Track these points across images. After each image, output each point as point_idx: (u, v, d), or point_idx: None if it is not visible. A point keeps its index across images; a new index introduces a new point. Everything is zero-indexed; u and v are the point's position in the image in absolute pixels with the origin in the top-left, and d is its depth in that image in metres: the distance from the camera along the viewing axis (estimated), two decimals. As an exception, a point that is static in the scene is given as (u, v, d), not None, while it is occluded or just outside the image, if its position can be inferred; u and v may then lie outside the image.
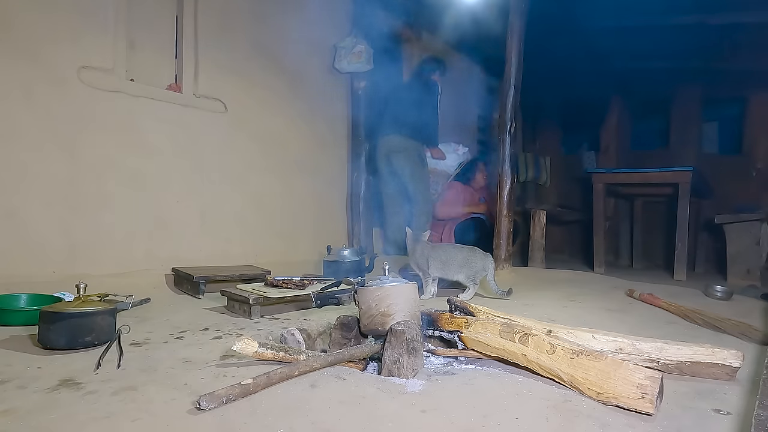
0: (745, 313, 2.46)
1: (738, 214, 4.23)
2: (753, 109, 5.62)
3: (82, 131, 2.73)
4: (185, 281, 2.89)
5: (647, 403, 1.19)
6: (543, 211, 4.49)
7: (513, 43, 3.79)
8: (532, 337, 1.45)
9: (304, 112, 3.97)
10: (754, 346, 1.89)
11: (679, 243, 4.10)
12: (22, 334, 1.85)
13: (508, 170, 3.81)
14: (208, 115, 3.34)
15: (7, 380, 1.36)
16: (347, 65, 4.14)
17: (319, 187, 4.12)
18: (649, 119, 6.36)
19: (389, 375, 1.45)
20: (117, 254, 2.87)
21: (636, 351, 1.51)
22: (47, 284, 2.37)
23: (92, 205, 2.77)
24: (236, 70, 3.49)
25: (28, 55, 2.54)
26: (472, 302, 1.91)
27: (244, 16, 3.55)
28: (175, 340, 1.84)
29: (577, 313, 2.46)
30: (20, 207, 2.52)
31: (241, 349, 1.44)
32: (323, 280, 2.79)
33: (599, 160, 6.19)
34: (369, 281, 1.80)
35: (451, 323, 1.67)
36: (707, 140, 6.14)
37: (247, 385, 1.24)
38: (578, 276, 3.74)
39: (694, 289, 3.14)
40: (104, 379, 1.38)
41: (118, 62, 2.88)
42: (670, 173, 4.28)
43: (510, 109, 3.80)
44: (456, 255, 2.90)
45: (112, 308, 1.79)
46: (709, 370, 1.49)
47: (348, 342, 1.71)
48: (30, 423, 1.10)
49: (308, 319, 2.21)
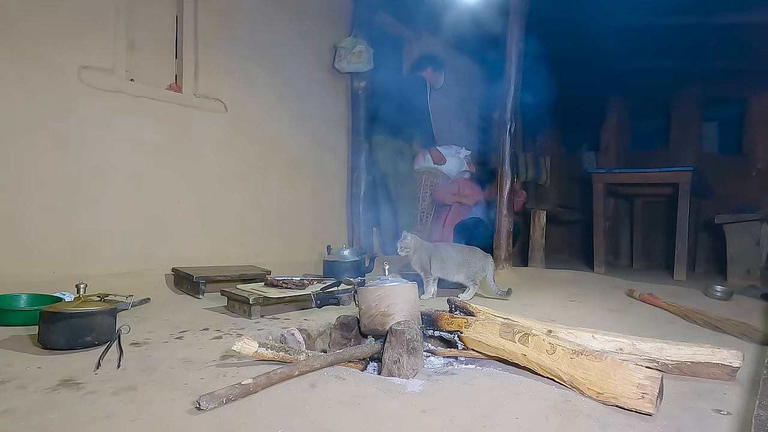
0: (745, 313, 2.46)
1: (738, 214, 4.23)
2: (753, 109, 5.62)
3: (82, 131, 2.73)
4: (185, 281, 2.89)
5: (647, 403, 1.19)
6: (543, 211, 4.49)
7: (513, 43, 3.79)
8: (532, 337, 1.45)
9: (304, 112, 3.97)
10: (754, 346, 1.89)
11: (679, 243, 4.10)
12: (22, 334, 1.85)
13: (508, 170, 3.81)
14: (208, 115, 3.34)
15: (7, 380, 1.36)
16: (347, 65, 4.14)
17: (319, 187, 4.12)
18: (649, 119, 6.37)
19: (389, 375, 1.45)
20: (117, 254, 2.87)
21: (636, 351, 1.51)
22: (47, 284, 2.37)
23: (92, 205, 2.77)
24: (236, 70, 3.49)
25: (28, 55, 2.54)
26: (472, 302, 1.91)
27: (244, 15, 3.55)
28: (175, 340, 1.84)
29: (577, 313, 2.46)
30: (20, 207, 2.52)
31: (241, 349, 1.44)
32: (323, 280, 2.79)
33: (599, 160, 6.20)
34: (369, 281, 1.80)
35: (451, 323, 1.67)
36: (707, 140, 6.14)
37: (247, 385, 1.23)
38: (578, 276, 3.74)
39: (694, 289, 3.14)
40: (104, 379, 1.38)
41: (118, 62, 2.88)
42: (670, 173, 4.28)
43: (510, 109, 3.80)
44: (456, 255, 2.90)
45: (112, 308, 1.79)
46: (709, 370, 1.49)
47: (348, 342, 1.71)
48: (30, 423, 1.10)
49: (308, 319, 2.21)
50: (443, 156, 4.55)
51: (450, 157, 4.65)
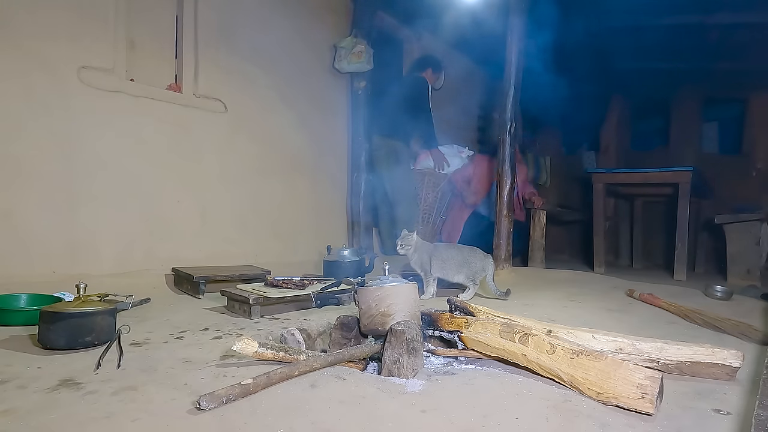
0: (745, 313, 2.46)
1: (738, 214, 4.23)
2: (753, 109, 5.62)
3: (82, 131, 2.73)
4: (185, 281, 2.89)
5: (647, 403, 1.19)
6: (543, 211, 4.49)
7: (513, 43, 3.79)
8: (532, 337, 1.45)
9: (304, 112, 3.97)
10: (754, 346, 1.89)
11: (679, 243, 4.10)
12: (22, 334, 1.85)
13: (508, 170, 3.81)
14: (208, 115, 3.34)
15: (7, 380, 1.36)
16: (347, 65, 4.14)
17: (319, 187, 4.12)
18: (649, 119, 6.36)
19: (389, 375, 1.45)
20: (117, 254, 2.87)
21: (636, 351, 1.51)
22: (47, 284, 2.37)
23: (92, 205, 2.77)
24: (236, 70, 3.49)
25: (28, 54, 2.54)
26: (472, 302, 1.91)
27: (244, 15, 3.55)
28: (175, 340, 1.84)
29: (577, 313, 2.46)
30: (20, 207, 2.52)
31: (241, 349, 1.44)
32: (323, 280, 2.79)
33: (599, 160, 6.19)
34: (369, 281, 1.80)
35: (451, 323, 1.67)
36: (707, 140, 6.14)
37: (247, 385, 1.23)
38: (578, 276, 3.74)
39: (694, 289, 3.14)
40: (104, 379, 1.38)
41: (118, 62, 2.88)
42: (670, 173, 4.28)
43: (510, 109, 3.80)
44: (456, 255, 2.90)
45: (112, 308, 1.79)
46: (709, 370, 1.49)
47: (348, 342, 1.71)
48: (30, 423, 1.10)
49: (308, 319, 2.21)
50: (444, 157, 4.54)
51: (452, 157, 4.65)
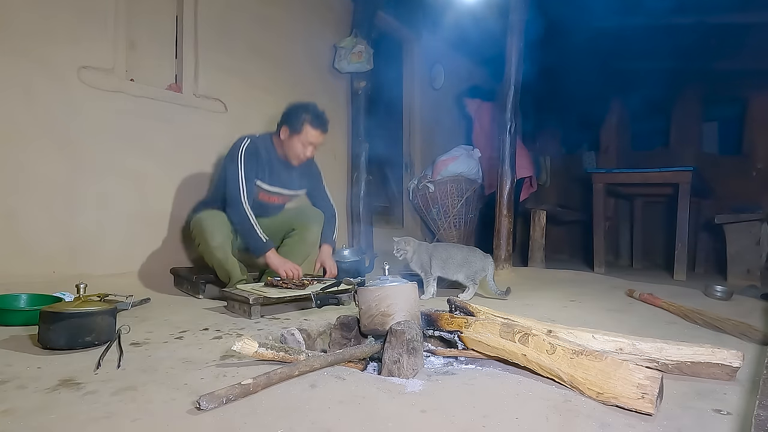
0: (745, 313, 2.47)
1: (738, 214, 4.24)
2: (753, 109, 5.62)
3: (82, 131, 2.73)
4: (185, 281, 2.89)
5: (647, 403, 1.19)
6: (543, 211, 4.49)
7: (513, 43, 3.80)
8: (532, 337, 1.45)
9: (304, 112, 3.96)
10: (754, 346, 1.89)
11: (679, 243, 4.10)
12: (22, 334, 1.84)
13: (508, 170, 3.81)
14: (208, 115, 3.34)
15: (7, 380, 1.36)
16: (347, 65, 4.14)
17: (319, 187, 4.12)
18: (649, 119, 6.37)
19: (389, 375, 1.45)
20: (117, 254, 2.87)
21: (636, 351, 1.51)
22: (47, 284, 2.37)
23: (92, 205, 2.77)
24: (236, 70, 3.49)
25: (28, 54, 2.53)
26: (472, 302, 1.91)
27: (244, 15, 3.55)
28: (175, 340, 1.83)
29: (577, 313, 2.46)
30: (20, 207, 2.52)
31: (241, 349, 1.44)
32: (323, 280, 2.79)
33: (599, 160, 6.20)
34: (369, 281, 1.80)
35: (451, 323, 1.67)
36: (707, 140, 6.15)
37: (247, 385, 1.23)
38: (578, 276, 3.74)
39: (694, 289, 3.14)
40: (104, 379, 1.38)
41: (118, 62, 2.88)
42: (670, 173, 4.29)
43: (510, 109, 3.80)
44: (456, 254, 2.91)
45: (112, 308, 1.79)
46: (709, 370, 1.49)
47: (348, 342, 1.71)
48: (30, 423, 1.10)
49: (308, 319, 2.21)
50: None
51: (464, 158, 4.64)
